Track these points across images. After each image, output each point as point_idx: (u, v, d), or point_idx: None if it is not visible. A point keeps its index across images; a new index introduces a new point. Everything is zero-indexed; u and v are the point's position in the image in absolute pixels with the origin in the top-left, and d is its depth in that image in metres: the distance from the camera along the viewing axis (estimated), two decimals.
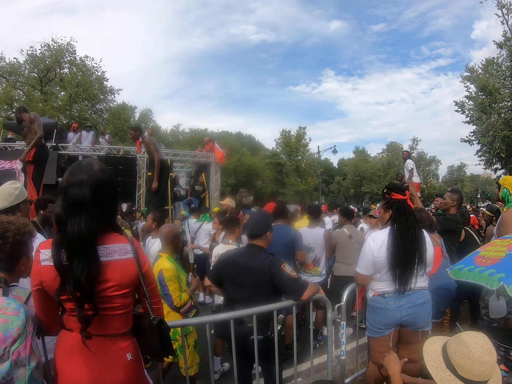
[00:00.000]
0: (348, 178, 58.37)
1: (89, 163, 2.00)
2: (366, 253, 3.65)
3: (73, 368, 1.91)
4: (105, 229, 1.98)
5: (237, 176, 49.71)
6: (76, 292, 1.78)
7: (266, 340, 3.39)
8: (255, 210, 15.48)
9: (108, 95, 39.34)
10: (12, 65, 34.93)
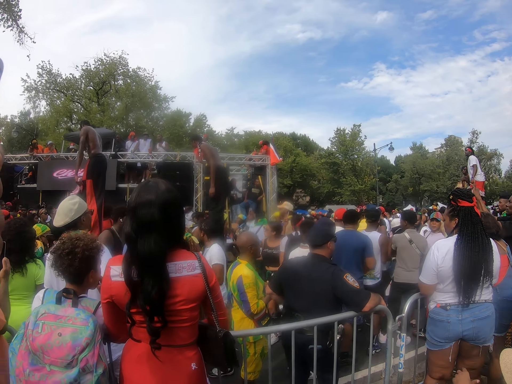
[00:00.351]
0: (406, 176, 55.87)
1: (156, 184, 2.07)
2: (430, 262, 3.54)
3: (139, 376, 2.02)
4: (174, 246, 2.06)
5: (293, 177, 49.50)
6: (147, 306, 1.87)
7: (325, 350, 3.35)
8: (312, 211, 15.31)
9: (163, 103, 40.66)
10: (69, 80, 37.46)
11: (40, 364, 1.96)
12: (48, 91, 37.41)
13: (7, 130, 41.08)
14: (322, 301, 3.38)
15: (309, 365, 3.44)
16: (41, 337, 2.00)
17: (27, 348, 2.01)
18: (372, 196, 47.12)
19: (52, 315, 2.09)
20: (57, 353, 1.96)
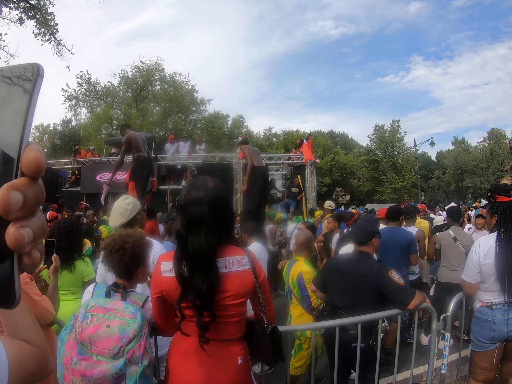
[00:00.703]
0: (448, 172, 54.40)
1: (204, 181, 2.11)
2: (472, 260, 3.46)
3: (186, 369, 2.07)
4: (224, 242, 2.09)
5: (332, 176, 49.25)
6: (197, 301, 1.90)
7: (368, 349, 3.30)
8: (352, 210, 15.13)
9: (200, 106, 41.29)
10: (107, 88, 39.01)
11: (87, 354, 2.04)
12: (88, 99, 38.76)
13: (51, 137, 42.71)
14: (366, 299, 3.33)
15: (351, 364, 3.41)
16: (90, 328, 2.08)
17: (76, 338, 2.09)
18: (413, 194, 46.24)
19: (102, 308, 2.17)
20: (104, 344, 2.03)
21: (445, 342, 3.63)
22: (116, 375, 2.00)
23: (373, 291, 3.31)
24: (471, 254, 3.50)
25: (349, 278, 3.42)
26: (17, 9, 16.03)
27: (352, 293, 3.39)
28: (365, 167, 51.18)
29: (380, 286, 3.27)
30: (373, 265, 3.41)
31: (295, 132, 52.02)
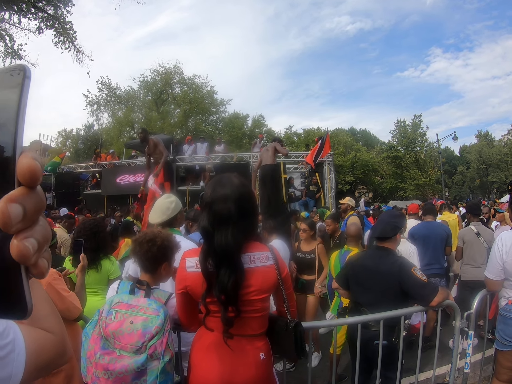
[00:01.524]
0: (472, 166, 53.19)
1: (229, 178, 2.14)
2: (495, 256, 3.41)
3: (209, 364, 2.10)
4: (249, 238, 2.13)
5: (354, 173, 48.92)
6: (222, 296, 1.94)
7: (390, 346, 3.27)
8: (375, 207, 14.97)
9: (220, 106, 41.62)
10: (128, 92, 39.88)
11: (110, 348, 2.11)
12: (109, 104, 39.54)
13: (74, 142, 43.38)
14: (389, 295, 3.31)
15: (373, 363, 3.36)
16: (113, 324, 2.15)
17: (100, 333, 2.16)
18: (437, 190, 45.53)
19: (126, 304, 2.24)
20: (127, 339, 2.10)
21: (468, 340, 3.57)
22: (138, 369, 2.06)
23: (395, 288, 3.28)
24: (494, 250, 3.45)
25: (372, 275, 3.41)
26: (35, 19, 16.44)
27: (374, 290, 3.37)
28: (387, 164, 50.48)
29: (402, 283, 3.24)
30: (396, 261, 3.38)
31: (316, 130, 51.76)
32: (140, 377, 2.08)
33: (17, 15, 16.07)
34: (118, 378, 2.07)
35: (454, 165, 57.32)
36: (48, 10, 16.50)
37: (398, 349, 3.27)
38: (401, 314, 3.22)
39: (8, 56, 16.73)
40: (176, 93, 40.73)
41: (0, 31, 16.25)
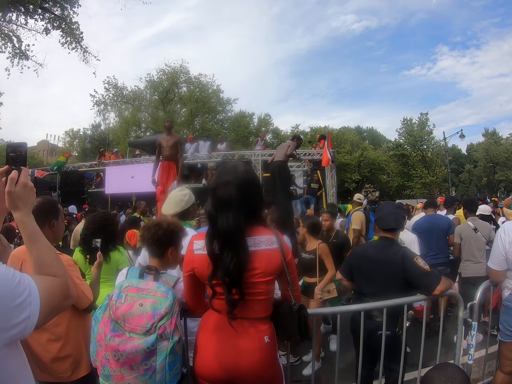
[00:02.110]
0: (479, 165, 52.66)
1: (234, 166, 2.24)
2: (498, 246, 3.44)
3: (214, 345, 2.18)
4: (253, 223, 2.19)
5: (361, 172, 48.64)
6: (226, 278, 2.01)
7: (393, 337, 3.32)
8: None
9: (226, 105, 41.68)
10: (134, 92, 40.04)
11: (120, 331, 2.18)
12: (116, 104, 39.70)
13: (81, 142, 43.71)
14: (392, 285, 3.35)
15: (377, 354, 3.39)
16: (123, 306, 2.23)
17: (110, 316, 2.24)
18: (444, 189, 45.27)
19: (135, 288, 2.32)
20: (137, 321, 2.17)
21: (471, 331, 3.60)
22: (147, 350, 2.12)
23: (398, 277, 3.32)
24: (497, 241, 3.47)
25: (375, 264, 3.45)
26: (42, 20, 16.60)
27: (378, 280, 3.41)
28: (394, 162, 49.95)
29: (405, 272, 3.28)
30: (399, 250, 3.42)
31: (323, 129, 51.63)
32: (149, 358, 2.14)
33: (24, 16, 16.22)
34: (128, 359, 2.13)
35: (461, 163, 56.90)
36: (54, 11, 16.63)
37: (401, 340, 3.32)
38: (404, 303, 3.27)
39: (16, 57, 16.88)
40: (182, 92, 40.84)
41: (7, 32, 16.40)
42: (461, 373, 1.78)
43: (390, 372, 3.46)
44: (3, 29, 16.18)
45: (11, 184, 1.40)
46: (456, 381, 1.71)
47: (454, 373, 1.76)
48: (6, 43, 16.49)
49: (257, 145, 18.11)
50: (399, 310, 3.29)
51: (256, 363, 2.13)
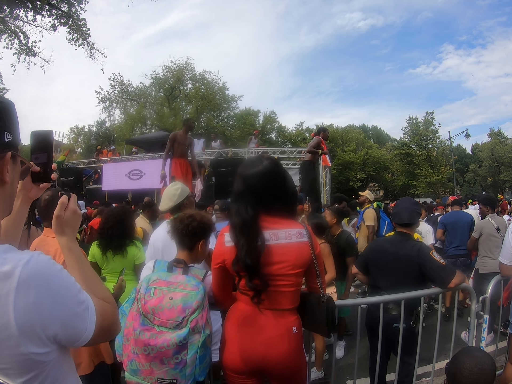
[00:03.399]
0: (484, 165, 52.57)
1: (252, 160, 2.33)
2: (509, 241, 3.47)
3: (243, 337, 2.23)
4: (283, 216, 2.25)
5: (365, 170, 48.69)
6: (243, 266, 2.08)
7: (408, 330, 3.36)
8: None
9: (231, 103, 41.71)
10: (140, 89, 40.10)
11: (149, 324, 2.20)
12: (121, 101, 39.71)
13: (86, 138, 43.73)
14: (408, 278, 3.40)
15: (392, 347, 3.45)
16: (153, 300, 2.24)
17: (138, 310, 2.25)
18: (449, 188, 45.16)
19: (164, 281, 2.33)
20: (167, 315, 2.19)
21: (483, 324, 3.64)
22: (180, 343, 2.14)
23: (414, 271, 3.37)
24: (507, 237, 3.50)
25: (391, 258, 3.50)
26: (49, 16, 16.58)
27: (394, 273, 3.45)
28: (399, 161, 49.72)
29: (421, 266, 3.33)
30: (415, 245, 3.47)
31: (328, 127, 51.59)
32: (181, 351, 2.17)
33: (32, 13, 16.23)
34: (160, 353, 2.15)
35: (466, 163, 56.81)
36: (62, 7, 16.65)
37: (416, 333, 3.37)
38: (421, 295, 3.33)
39: (23, 53, 16.90)
40: (188, 89, 40.90)
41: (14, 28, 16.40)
42: (488, 357, 1.82)
43: (404, 365, 3.47)
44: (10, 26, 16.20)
45: (61, 209, 1.41)
46: (486, 365, 1.75)
47: (483, 357, 1.80)
48: (12, 40, 16.49)
49: (250, 143, 18.02)
50: (414, 304, 3.35)
51: (284, 352, 2.17)
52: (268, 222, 2.20)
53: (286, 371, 2.22)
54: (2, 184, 1.17)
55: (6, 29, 16.03)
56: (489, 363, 1.75)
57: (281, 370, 2.21)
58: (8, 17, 15.92)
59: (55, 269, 1.10)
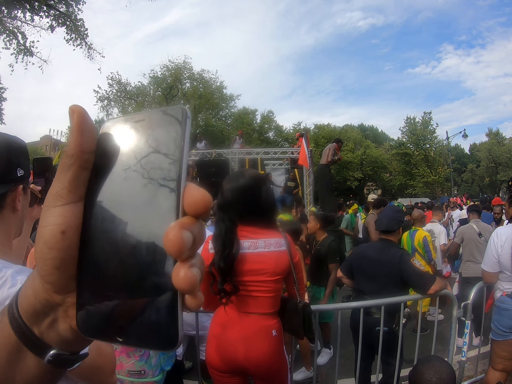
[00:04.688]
0: (482, 165, 52.75)
1: (236, 174, 2.49)
2: (490, 250, 3.58)
3: (226, 338, 2.35)
4: (264, 227, 2.37)
5: (363, 170, 48.70)
6: (217, 269, 2.18)
7: (391, 333, 3.48)
8: None
9: (229, 102, 41.67)
10: (138, 88, 40.04)
11: None
12: (119, 100, 39.55)
13: None
14: (390, 284, 3.51)
15: (375, 349, 3.56)
16: None
17: None
18: (446, 188, 45.23)
19: None
20: None
21: (465, 329, 3.72)
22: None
23: (396, 277, 3.48)
24: (490, 244, 3.60)
25: (374, 264, 3.61)
26: (47, 17, 16.64)
27: (377, 279, 3.57)
28: (396, 161, 49.80)
29: (402, 272, 3.44)
30: (397, 252, 3.58)
31: (326, 126, 51.64)
32: None
33: (30, 13, 16.28)
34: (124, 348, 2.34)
35: (464, 163, 56.88)
36: (59, 8, 16.70)
37: (398, 336, 3.47)
38: (401, 301, 3.43)
39: (21, 53, 16.93)
40: (186, 88, 40.93)
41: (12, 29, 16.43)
42: (447, 367, 1.89)
43: (387, 366, 3.62)
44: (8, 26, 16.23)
45: None
46: (444, 374, 1.81)
47: (442, 367, 1.87)
48: (11, 40, 16.54)
49: (235, 144, 18.02)
50: (396, 308, 3.46)
51: (265, 354, 2.30)
52: (248, 232, 2.32)
53: (267, 372, 2.34)
54: (15, 211, 1.32)
55: (4, 29, 16.06)
56: (447, 372, 1.82)
57: (262, 371, 2.34)
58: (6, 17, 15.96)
59: None
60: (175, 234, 0.37)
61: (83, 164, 0.43)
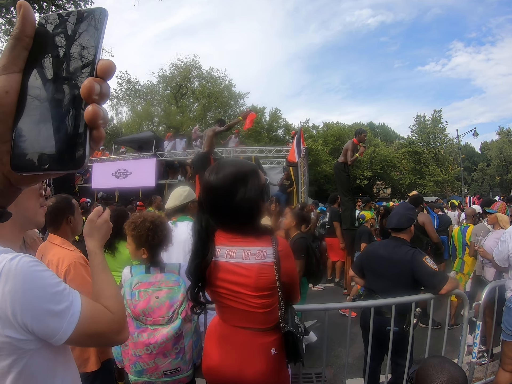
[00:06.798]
0: (493, 163, 52.25)
1: (210, 170, 2.06)
2: (503, 248, 3.60)
3: (219, 354, 2.09)
4: (244, 232, 2.01)
5: (373, 168, 48.65)
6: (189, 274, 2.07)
7: (401, 333, 3.40)
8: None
9: (238, 100, 41.78)
10: (147, 86, 40.32)
11: (144, 326, 2.36)
12: (128, 98, 39.91)
13: None
14: (401, 283, 3.44)
15: (385, 348, 3.48)
16: (140, 303, 2.38)
17: (129, 315, 2.35)
18: (456, 187, 45.00)
19: (146, 283, 2.47)
20: (158, 313, 2.36)
21: (476, 330, 3.65)
22: (176, 335, 2.34)
23: (407, 276, 3.40)
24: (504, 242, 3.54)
25: (386, 263, 3.54)
26: None
27: (388, 277, 3.50)
28: (406, 159, 49.55)
29: (414, 271, 3.37)
30: (408, 250, 3.49)
31: (335, 124, 51.56)
32: (179, 341, 2.37)
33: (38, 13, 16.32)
34: (161, 349, 2.31)
35: (475, 162, 56.42)
36: (68, 8, 16.75)
37: (408, 336, 3.41)
38: (412, 300, 3.35)
39: None
40: (195, 87, 41.06)
41: None
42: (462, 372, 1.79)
43: (397, 366, 3.55)
44: None
45: (95, 215, 1.66)
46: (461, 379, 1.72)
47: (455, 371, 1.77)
48: None
49: (230, 142, 17.99)
50: (407, 308, 3.39)
51: (263, 373, 1.99)
52: (225, 239, 2.03)
53: None
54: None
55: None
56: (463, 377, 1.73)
57: None
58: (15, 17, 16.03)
59: (35, 269, 1.17)
60: (88, 81, 0.51)
61: (25, 45, 0.54)
